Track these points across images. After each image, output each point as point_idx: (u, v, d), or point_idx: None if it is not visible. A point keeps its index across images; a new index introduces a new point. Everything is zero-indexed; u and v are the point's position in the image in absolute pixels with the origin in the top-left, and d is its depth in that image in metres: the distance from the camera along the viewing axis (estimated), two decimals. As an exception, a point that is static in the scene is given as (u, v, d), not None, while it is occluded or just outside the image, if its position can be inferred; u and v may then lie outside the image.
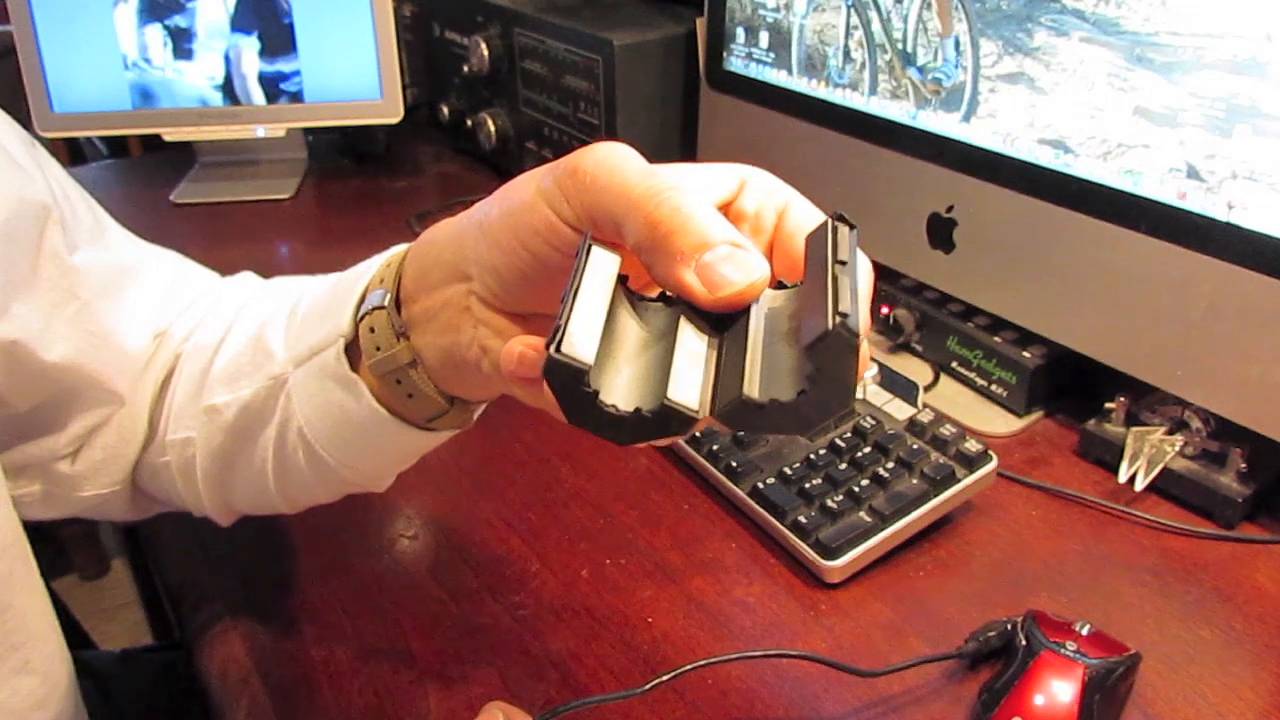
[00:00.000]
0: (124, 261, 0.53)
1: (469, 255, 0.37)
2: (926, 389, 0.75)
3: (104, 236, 0.53)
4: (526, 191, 0.35)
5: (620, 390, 0.30)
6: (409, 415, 0.43)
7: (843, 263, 0.30)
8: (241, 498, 0.52)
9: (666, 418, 0.29)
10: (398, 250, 0.43)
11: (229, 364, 0.49)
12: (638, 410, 0.29)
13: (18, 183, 0.45)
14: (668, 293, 0.33)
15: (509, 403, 0.73)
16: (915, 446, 0.63)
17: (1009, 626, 0.52)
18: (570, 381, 0.29)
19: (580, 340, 0.29)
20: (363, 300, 0.43)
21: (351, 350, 0.43)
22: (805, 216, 0.36)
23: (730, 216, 0.36)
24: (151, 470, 0.53)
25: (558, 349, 0.28)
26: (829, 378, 0.28)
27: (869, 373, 0.69)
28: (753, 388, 0.29)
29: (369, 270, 0.44)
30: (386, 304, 0.41)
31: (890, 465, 0.61)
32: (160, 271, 0.55)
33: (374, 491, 0.51)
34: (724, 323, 0.32)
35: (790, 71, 0.83)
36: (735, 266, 0.30)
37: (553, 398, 0.30)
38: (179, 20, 1.12)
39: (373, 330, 0.41)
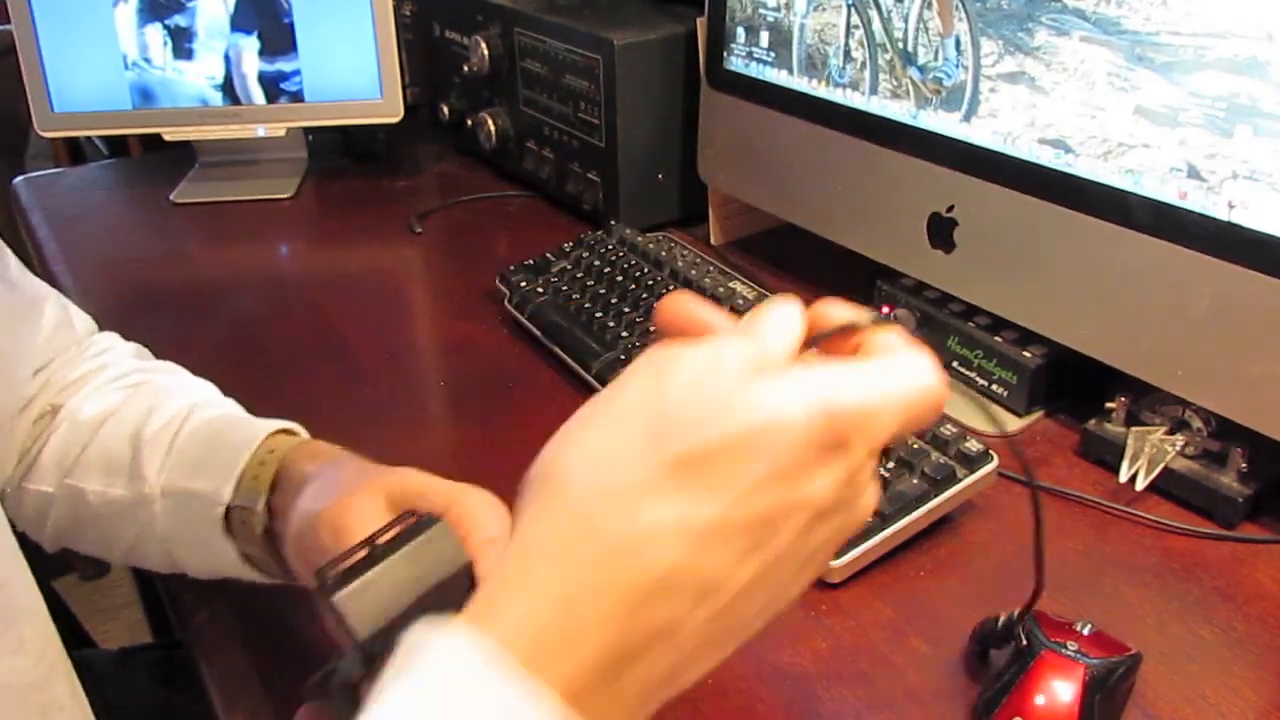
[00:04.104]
0: (21, 296, 0.58)
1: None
2: (927, 389, 0.75)
3: (6, 270, 0.57)
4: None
5: None
6: (250, 553, 0.53)
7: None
8: (81, 547, 0.59)
9: None
10: (272, 449, 0.53)
11: (102, 456, 0.56)
12: None
13: None
14: None
15: (508, 402, 0.73)
16: (915, 446, 0.63)
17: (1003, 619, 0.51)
18: None
19: None
20: (242, 475, 0.52)
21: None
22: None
23: None
24: None
25: None
26: None
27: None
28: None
29: (248, 447, 0.53)
30: (259, 509, 0.51)
31: (890, 465, 0.61)
32: (51, 310, 0.60)
33: None
34: None
35: (791, 71, 0.83)
36: None
37: None
38: (179, 20, 1.12)
39: (244, 508, 0.51)
